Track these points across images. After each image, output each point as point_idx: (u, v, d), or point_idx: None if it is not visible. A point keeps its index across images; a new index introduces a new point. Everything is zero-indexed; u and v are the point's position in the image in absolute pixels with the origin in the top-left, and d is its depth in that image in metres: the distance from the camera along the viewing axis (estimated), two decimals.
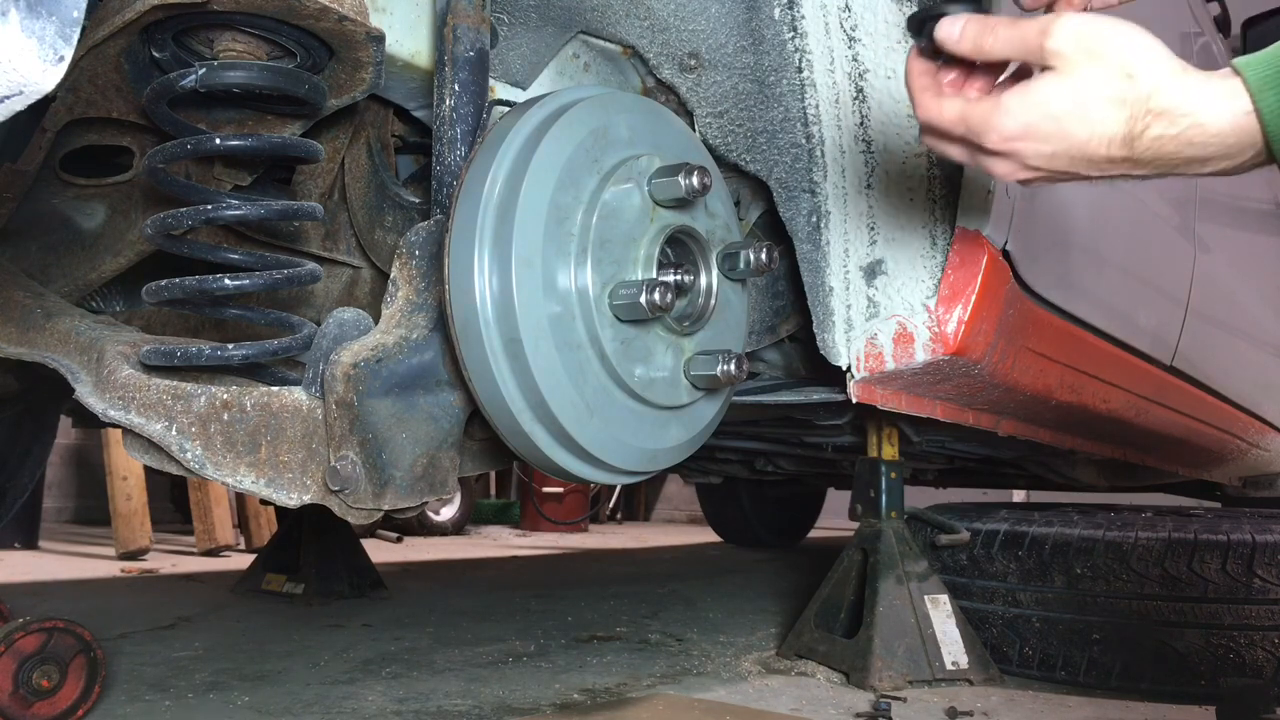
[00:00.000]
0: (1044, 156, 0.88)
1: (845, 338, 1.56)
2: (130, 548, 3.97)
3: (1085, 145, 0.86)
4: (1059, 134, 0.86)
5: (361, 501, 1.06)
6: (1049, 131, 0.86)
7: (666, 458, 1.20)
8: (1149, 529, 1.99)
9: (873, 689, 1.84)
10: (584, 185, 1.09)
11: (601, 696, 1.79)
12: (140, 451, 1.09)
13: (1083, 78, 0.84)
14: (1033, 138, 0.87)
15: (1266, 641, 1.83)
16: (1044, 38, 0.86)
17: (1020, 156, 0.89)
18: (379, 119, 1.54)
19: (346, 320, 1.12)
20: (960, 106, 0.91)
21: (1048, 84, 0.86)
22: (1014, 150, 0.88)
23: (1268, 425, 3.28)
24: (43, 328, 1.21)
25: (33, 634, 1.40)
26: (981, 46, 0.90)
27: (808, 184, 1.52)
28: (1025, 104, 0.87)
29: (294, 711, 1.63)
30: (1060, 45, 0.85)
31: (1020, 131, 0.87)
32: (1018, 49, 0.89)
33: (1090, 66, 0.85)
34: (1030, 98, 0.87)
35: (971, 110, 0.90)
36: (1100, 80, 0.84)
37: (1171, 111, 0.83)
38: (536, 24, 1.43)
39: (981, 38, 0.90)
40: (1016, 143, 0.88)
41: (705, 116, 1.52)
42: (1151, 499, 4.01)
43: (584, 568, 4.20)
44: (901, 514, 2.11)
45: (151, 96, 1.13)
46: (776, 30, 1.45)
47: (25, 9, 0.64)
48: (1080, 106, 0.85)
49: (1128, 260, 2.11)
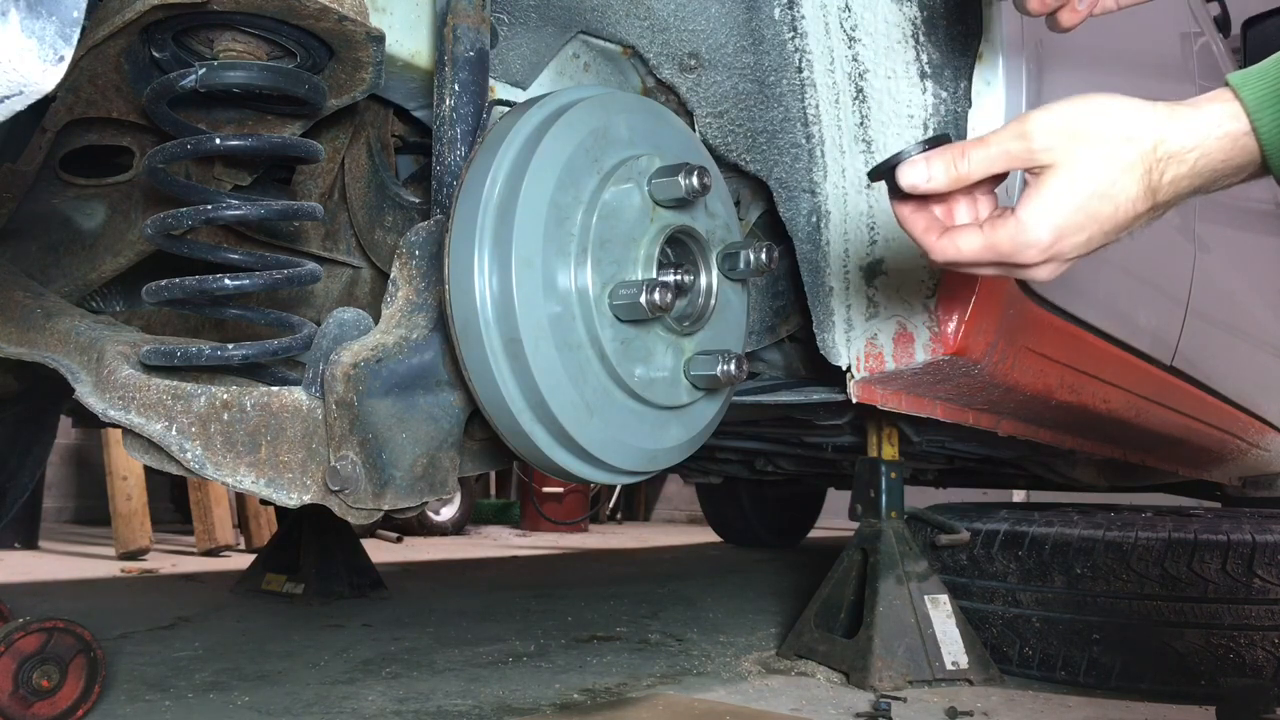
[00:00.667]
0: (1080, 246, 0.88)
1: (845, 338, 1.56)
2: (130, 548, 3.97)
3: (1115, 218, 0.86)
4: (1089, 220, 0.86)
5: (361, 501, 1.06)
6: (1080, 223, 0.86)
7: (666, 458, 1.20)
8: (1149, 529, 1.99)
9: (873, 689, 1.84)
10: (584, 185, 1.09)
11: (601, 696, 1.79)
12: (140, 451, 1.09)
13: (1087, 162, 0.85)
14: (1066, 236, 0.86)
15: (1266, 641, 1.83)
16: (1027, 141, 0.86)
17: (1060, 256, 0.88)
18: (379, 119, 1.54)
19: (346, 320, 1.11)
20: (979, 240, 0.89)
21: (1057, 183, 0.86)
22: (1052, 255, 0.88)
23: (1268, 425, 3.28)
24: (43, 328, 1.21)
25: (33, 634, 1.40)
26: (959, 177, 0.90)
27: (808, 184, 1.52)
28: (1046, 211, 0.86)
29: (294, 711, 1.63)
30: (1048, 142, 0.85)
31: (1055, 237, 0.86)
32: (1000, 163, 0.88)
33: (1086, 149, 0.85)
34: (1048, 204, 0.86)
35: (995, 239, 0.88)
36: (1105, 156, 0.84)
37: (1179, 153, 0.84)
38: (536, 24, 1.43)
39: (954, 169, 0.89)
40: (1055, 247, 0.87)
41: (705, 116, 1.51)
42: (1151, 499, 4.01)
43: (584, 568, 4.20)
44: (901, 514, 2.11)
45: (151, 96, 1.13)
46: (776, 30, 1.45)
47: (25, 9, 0.64)
48: (1098, 187, 0.85)
49: (1128, 260, 2.11)
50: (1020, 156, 0.87)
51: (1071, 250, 0.88)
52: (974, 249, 0.89)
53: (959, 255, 0.91)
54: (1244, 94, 0.82)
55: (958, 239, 0.90)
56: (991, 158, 0.88)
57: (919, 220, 0.94)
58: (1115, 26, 1.61)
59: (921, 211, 0.94)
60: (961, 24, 1.45)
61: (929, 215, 0.94)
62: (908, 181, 0.90)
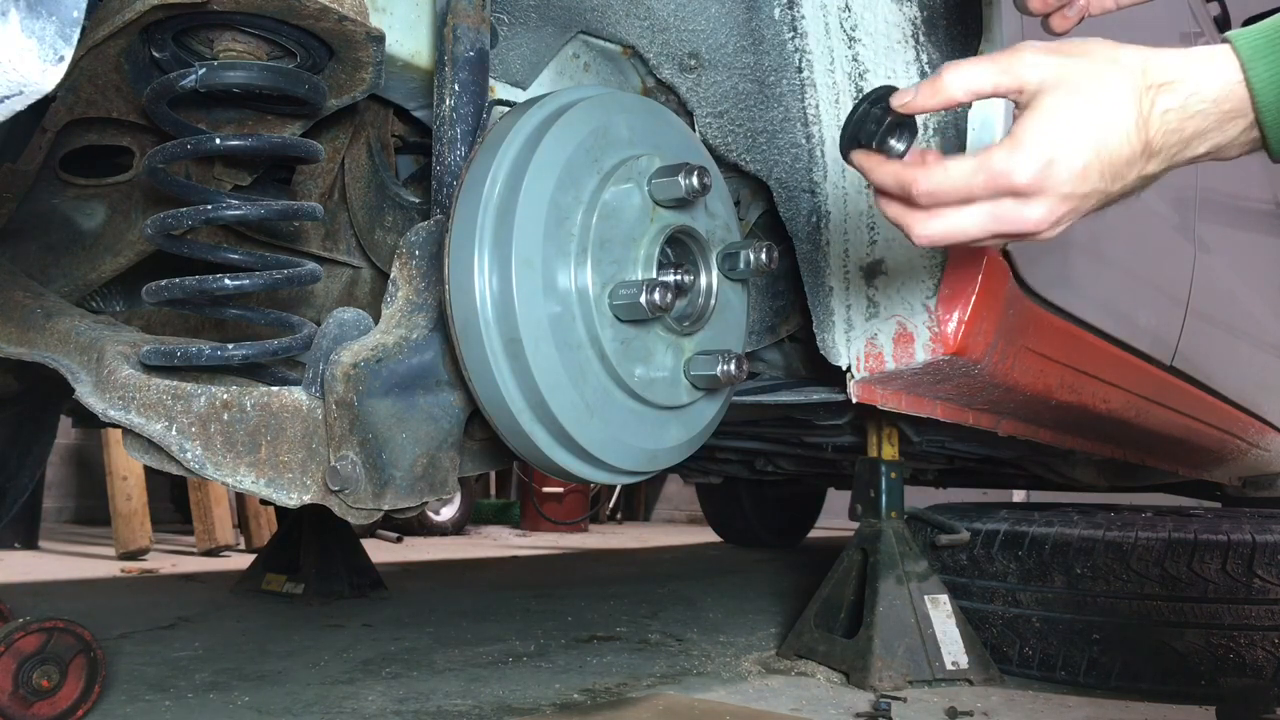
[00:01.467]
0: (1076, 176, 0.82)
1: (845, 338, 1.56)
2: (130, 548, 3.97)
3: (1110, 147, 0.81)
4: (1085, 145, 0.81)
5: (361, 501, 1.06)
6: (1075, 145, 0.81)
7: (666, 458, 1.20)
8: (1149, 529, 1.99)
9: (873, 689, 1.84)
10: (584, 185, 1.09)
11: (601, 696, 1.79)
12: (140, 451, 1.09)
13: (1078, 79, 0.82)
14: (1061, 156, 0.81)
15: (1266, 641, 1.83)
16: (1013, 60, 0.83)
17: (1054, 184, 0.82)
18: (379, 119, 1.54)
19: (346, 320, 1.12)
20: (970, 162, 0.84)
21: (1049, 101, 0.82)
22: (1047, 179, 0.82)
23: (1268, 425, 3.28)
24: (43, 328, 1.21)
25: (33, 634, 1.40)
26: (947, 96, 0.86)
27: (808, 184, 1.52)
28: (1041, 127, 0.82)
29: (294, 711, 1.63)
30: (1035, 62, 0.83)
31: (1049, 153, 0.81)
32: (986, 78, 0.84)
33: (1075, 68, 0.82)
34: (1041, 119, 0.82)
35: (988, 159, 0.83)
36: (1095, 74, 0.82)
37: (1170, 81, 0.81)
38: (536, 24, 1.43)
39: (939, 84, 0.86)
40: (1049, 169, 0.81)
41: (705, 116, 1.52)
42: (1151, 499, 4.01)
43: (584, 568, 4.20)
44: (901, 514, 2.11)
45: (151, 96, 1.13)
46: (776, 30, 1.45)
47: (25, 9, 0.64)
48: (1091, 103, 0.81)
49: (1128, 260, 2.11)
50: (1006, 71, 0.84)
51: (1067, 179, 0.82)
52: (963, 172, 0.84)
53: (946, 177, 0.85)
54: (1239, 44, 0.80)
55: (948, 165, 0.85)
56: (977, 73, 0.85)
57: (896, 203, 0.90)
58: (1115, 27, 1.61)
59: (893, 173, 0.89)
60: (961, 24, 1.46)
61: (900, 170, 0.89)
62: (898, 100, 0.87)
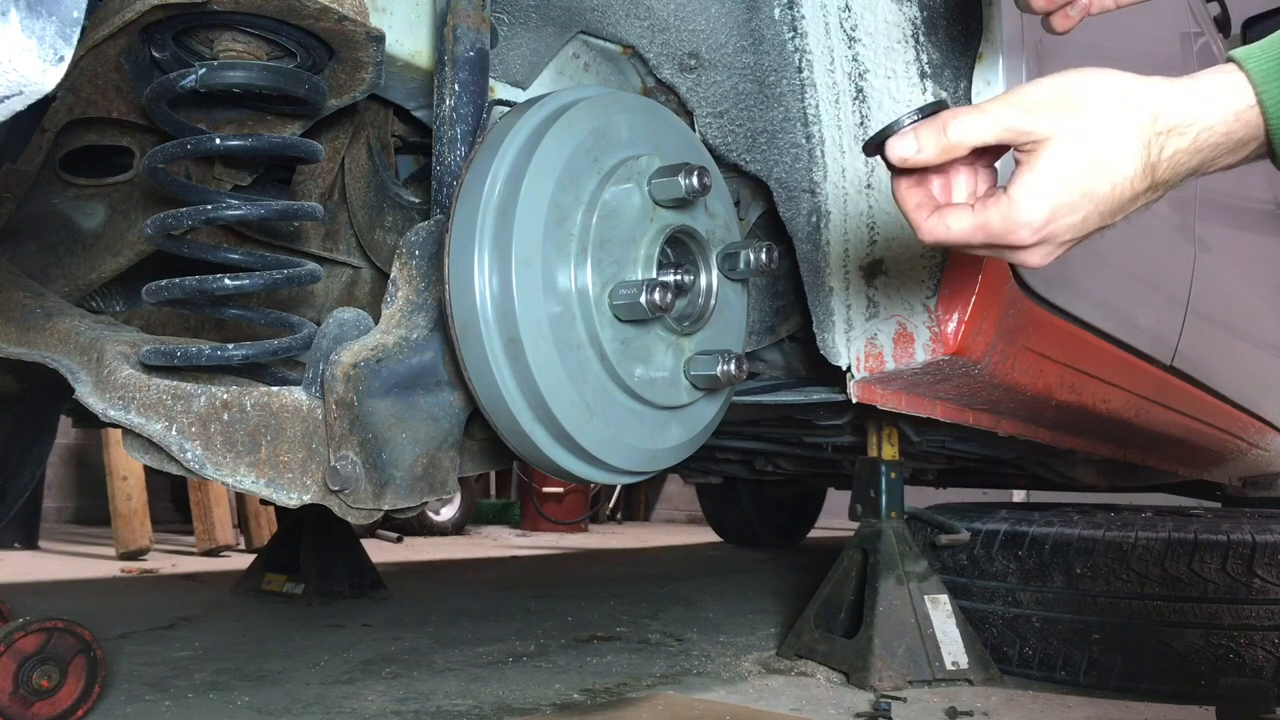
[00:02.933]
0: (1076, 226, 0.83)
1: (845, 338, 1.56)
2: (130, 548, 3.97)
3: (1112, 196, 0.81)
4: (1084, 199, 0.81)
5: (361, 501, 1.06)
6: (1074, 201, 0.81)
7: (666, 458, 1.20)
8: (1149, 529, 1.98)
9: (873, 689, 1.84)
10: (584, 185, 1.09)
11: (601, 696, 1.79)
12: (140, 451, 1.09)
13: (1082, 135, 0.80)
14: (1061, 215, 0.82)
15: (1266, 641, 1.83)
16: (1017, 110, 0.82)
17: (1054, 238, 0.83)
18: (379, 119, 1.54)
19: (346, 320, 1.12)
20: (969, 219, 0.85)
21: (1050, 157, 0.81)
22: (1046, 237, 0.83)
23: (1268, 425, 3.28)
24: (43, 328, 1.21)
25: (33, 634, 1.40)
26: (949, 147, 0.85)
27: (808, 184, 1.52)
28: (1039, 188, 0.81)
29: (294, 711, 1.63)
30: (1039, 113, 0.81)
31: (1049, 215, 0.81)
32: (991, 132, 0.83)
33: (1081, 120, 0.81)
34: (1041, 180, 0.81)
35: (986, 218, 0.83)
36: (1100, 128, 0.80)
37: (1179, 125, 0.80)
38: (536, 24, 1.43)
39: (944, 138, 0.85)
40: (1049, 227, 0.82)
41: (705, 116, 1.52)
42: (1151, 499, 4.01)
43: (584, 568, 4.20)
44: (901, 514, 2.11)
45: (151, 96, 1.13)
46: (776, 30, 1.45)
47: (25, 9, 0.64)
48: (1093, 162, 0.80)
49: (1128, 260, 2.11)
50: (1011, 126, 0.82)
51: (1066, 231, 0.83)
52: (963, 229, 0.85)
53: (948, 234, 0.86)
54: (1250, 66, 0.79)
55: (947, 218, 0.86)
56: (982, 126, 0.83)
57: (913, 196, 0.90)
58: (1115, 26, 1.61)
59: (917, 187, 0.90)
60: (961, 24, 1.46)
61: (924, 191, 0.90)
62: (897, 155, 0.87)
